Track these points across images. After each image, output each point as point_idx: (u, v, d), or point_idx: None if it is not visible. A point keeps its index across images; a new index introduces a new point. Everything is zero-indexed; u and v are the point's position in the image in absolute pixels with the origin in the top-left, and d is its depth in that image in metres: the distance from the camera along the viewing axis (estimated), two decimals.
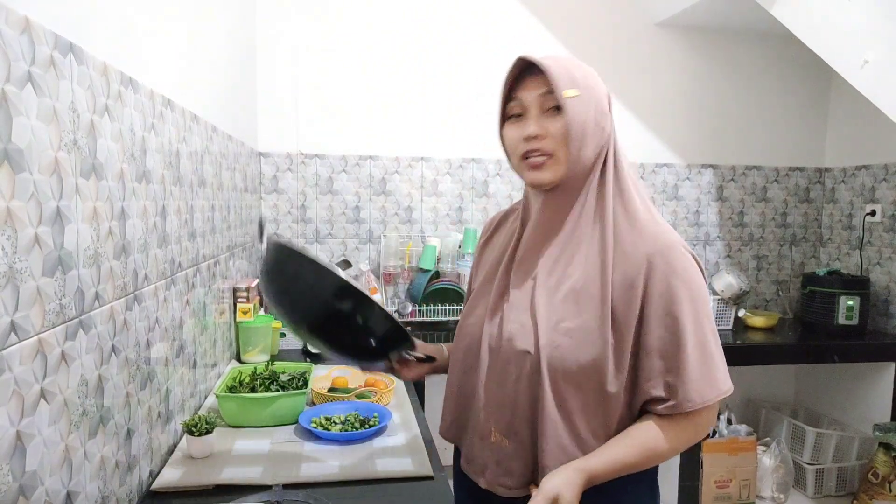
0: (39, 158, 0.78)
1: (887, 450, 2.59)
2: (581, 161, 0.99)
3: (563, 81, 0.95)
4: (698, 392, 0.93)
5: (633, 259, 0.96)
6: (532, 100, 0.99)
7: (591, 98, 0.98)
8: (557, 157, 0.98)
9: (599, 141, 1.00)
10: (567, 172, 0.99)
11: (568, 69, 0.97)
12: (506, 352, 1.02)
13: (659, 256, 0.95)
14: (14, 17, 0.73)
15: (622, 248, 0.97)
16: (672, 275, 0.94)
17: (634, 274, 0.95)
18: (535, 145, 0.98)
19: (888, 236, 2.94)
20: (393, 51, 2.89)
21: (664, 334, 0.94)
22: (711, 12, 2.90)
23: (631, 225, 0.99)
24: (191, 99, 1.54)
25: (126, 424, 1.09)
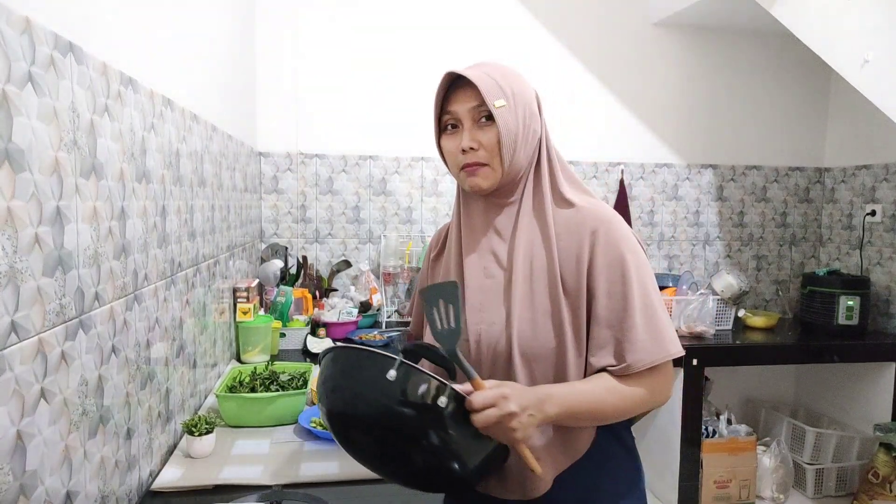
0: (40, 158, 0.78)
1: (888, 450, 2.59)
2: (515, 165, 1.04)
3: (492, 93, 1.00)
4: (646, 352, 0.97)
5: (576, 235, 1.02)
6: (464, 112, 1.04)
7: (520, 104, 1.03)
8: (493, 165, 1.04)
9: (532, 142, 1.06)
10: (503, 177, 1.05)
11: (495, 80, 1.02)
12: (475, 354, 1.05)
13: (601, 229, 1.01)
14: (14, 17, 0.73)
15: (565, 228, 1.04)
16: (615, 244, 1.01)
17: (579, 248, 1.01)
18: (470, 158, 1.03)
19: (888, 236, 2.94)
20: (393, 51, 2.89)
21: (611, 302, 0.99)
22: (710, 12, 2.90)
23: (569, 207, 1.05)
24: (191, 99, 1.54)
25: (126, 424, 1.10)
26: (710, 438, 2.68)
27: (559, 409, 0.93)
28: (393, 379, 0.84)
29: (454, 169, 1.08)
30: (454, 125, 1.06)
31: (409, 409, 0.85)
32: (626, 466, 1.09)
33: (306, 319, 2.45)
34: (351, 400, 0.88)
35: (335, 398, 0.90)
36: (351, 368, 0.89)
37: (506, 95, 1.01)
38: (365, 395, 0.86)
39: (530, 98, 1.05)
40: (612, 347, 0.99)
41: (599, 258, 1.00)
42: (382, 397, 0.85)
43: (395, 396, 0.85)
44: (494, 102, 1.00)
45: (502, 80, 1.03)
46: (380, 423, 0.86)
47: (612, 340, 0.99)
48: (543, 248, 1.04)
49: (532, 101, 1.06)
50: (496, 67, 1.06)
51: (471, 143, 1.03)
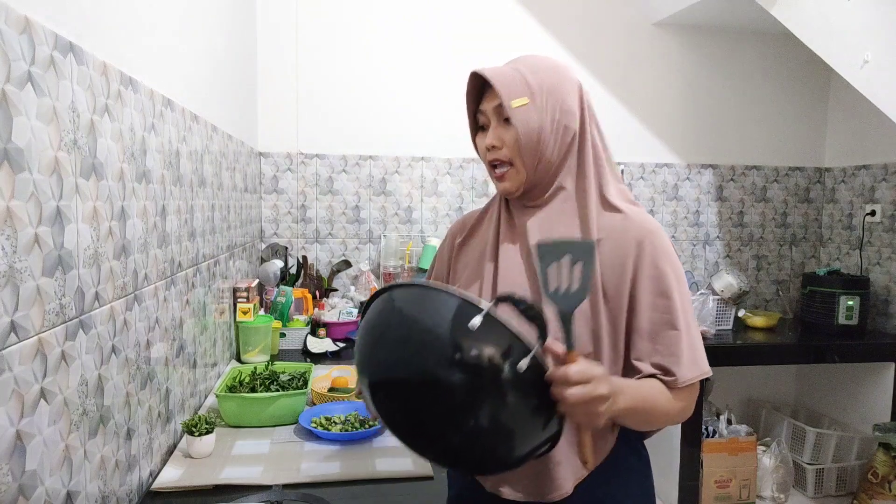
0: (39, 158, 0.78)
1: (887, 450, 2.59)
2: (543, 164, 1.02)
3: (512, 91, 0.98)
4: (689, 368, 0.96)
5: (621, 244, 0.99)
6: (490, 110, 1.03)
7: (549, 100, 1.00)
8: (516, 164, 1.02)
9: (564, 140, 1.02)
10: (529, 178, 1.03)
11: (523, 75, 1.00)
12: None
13: (647, 240, 0.99)
14: (14, 17, 0.73)
15: (609, 234, 1.00)
16: (661, 257, 0.99)
17: (624, 258, 0.99)
18: (494, 155, 1.03)
19: (888, 236, 2.94)
20: (393, 51, 2.89)
21: (655, 315, 0.97)
22: (710, 12, 2.90)
23: (614, 213, 1.02)
24: (191, 99, 1.54)
25: (126, 424, 1.09)
26: (710, 438, 2.68)
27: (627, 404, 0.88)
28: (474, 329, 0.73)
29: (487, 167, 1.08)
30: (484, 124, 1.06)
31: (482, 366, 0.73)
32: (640, 477, 1.08)
33: (306, 319, 2.45)
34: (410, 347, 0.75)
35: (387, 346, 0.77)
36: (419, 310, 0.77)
37: (531, 92, 0.99)
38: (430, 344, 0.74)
39: (565, 93, 1.01)
40: (655, 358, 0.97)
41: (645, 269, 0.98)
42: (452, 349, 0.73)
43: (468, 349, 0.72)
44: (512, 102, 0.98)
45: (532, 75, 1.00)
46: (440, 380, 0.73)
47: (654, 353, 0.97)
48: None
49: (568, 96, 1.01)
50: (531, 61, 1.03)
51: (493, 140, 1.03)
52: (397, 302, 0.81)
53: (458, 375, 0.72)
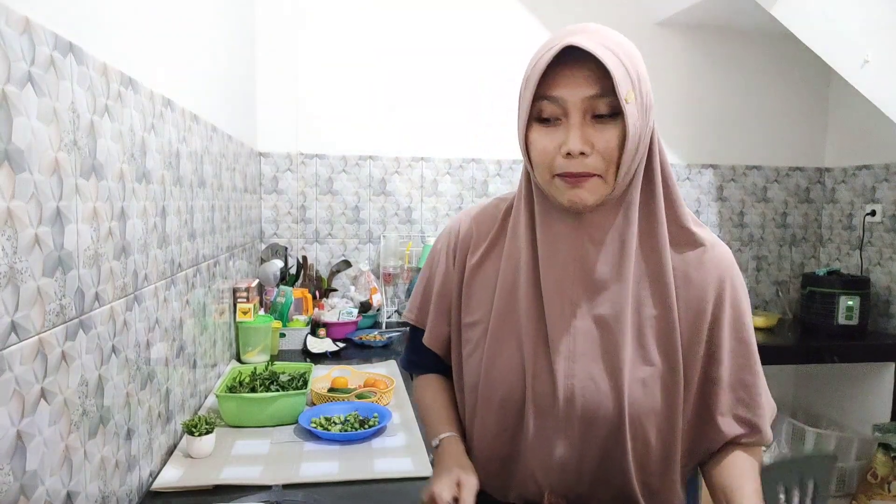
0: (39, 159, 0.78)
1: (886, 450, 2.59)
2: (629, 176, 0.81)
3: (625, 82, 0.75)
4: (769, 419, 0.89)
5: (699, 284, 0.85)
6: (575, 102, 0.77)
7: (644, 94, 0.78)
8: (605, 176, 0.79)
9: (647, 143, 0.82)
10: (613, 192, 0.81)
11: (621, 61, 0.76)
12: (564, 411, 0.85)
13: (728, 279, 0.86)
14: (14, 17, 0.73)
15: (682, 274, 0.85)
16: (742, 299, 0.87)
17: (701, 299, 0.85)
18: (577, 166, 0.78)
19: (888, 236, 2.94)
20: (393, 51, 2.89)
21: (736, 364, 0.86)
22: (711, 12, 2.90)
23: (688, 244, 0.85)
24: (191, 99, 1.54)
25: (126, 424, 1.10)
26: None
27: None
28: None
29: (544, 174, 0.82)
30: (552, 116, 0.80)
31: None
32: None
33: (306, 319, 2.45)
34: None
35: None
36: None
37: (633, 83, 0.76)
38: None
39: (648, 81, 0.81)
40: (740, 414, 0.86)
41: (727, 315, 0.85)
42: None
43: None
44: (626, 96, 0.75)
45: (628, 60, 0.77)
46: None
47: (738, 406, 0.86)
48: (658, 290, 0.84)
49: (649, 85, 0.81)
50: (616, 40, 0.79)
51: (583, 145, 0.77)
52: None
53: None
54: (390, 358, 2.22)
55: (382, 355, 2.29)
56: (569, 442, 0.86)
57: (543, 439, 0.87)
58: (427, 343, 1.03)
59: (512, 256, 0.90)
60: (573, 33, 0.78)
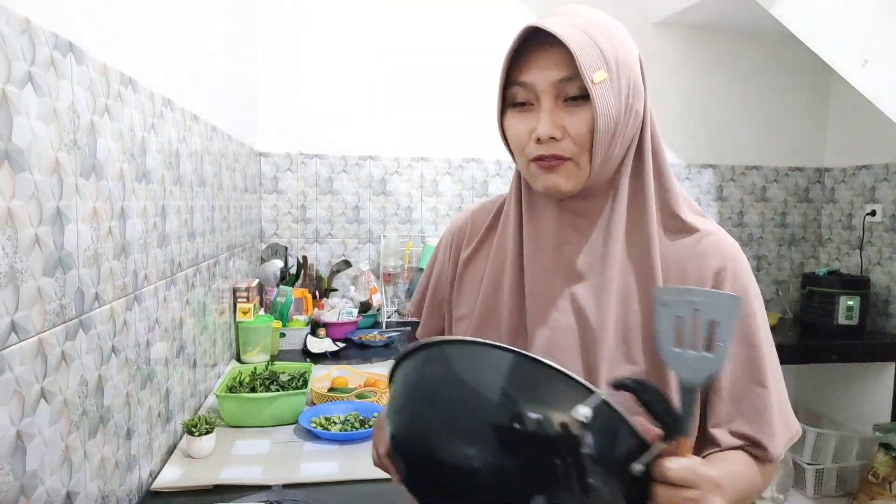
0: (40, 158, 0.78)
1: (887, 450, 2.59)
2: (609, 162, 0.77)
3: (592, 62, 0.71)
4: (781, 436, 0.77)
5: (694, 273, 0.78)
6: (545, 86, 0.75)
7: (623, 76, 0.74)
8: (579, 161, 0.76)
9: (632, 129, 0.78)
10: (591, 177, 0.77)
11: (594, 40, 0.72)
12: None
13: (728, 269, 0.78)
14: (14, 18, 0.73)
15: (677, 261, 0.79)
16: (744, 293, 0.77)
17: None
18: (548, 149, 0.75)
19: (888, 236, 2.94)
20: (393, 51, 2.89)
21: (737, 368, 0.77)
22: (710, 12, 2.90)
23: (681, 232, 0.80)
24: (191, 99, 1.54)
25: (126, 424, 1.10)
26: None
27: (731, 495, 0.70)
28: (586, 420, 0.57)
29: (521, 160, 0.79)
30: (525, 102, 0.77)
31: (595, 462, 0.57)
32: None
33: (306, 319, 2.45)
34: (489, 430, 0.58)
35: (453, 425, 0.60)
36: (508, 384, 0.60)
37: (608, 64, 0.72)
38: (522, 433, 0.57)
39: (635, 64, 0.77)
40: (738, 426, 0.77)
41: None
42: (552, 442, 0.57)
43: (571, 444, 0.57)
44: (593, 76, 0.71)
45: (603, 39, 0.73)
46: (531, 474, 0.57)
47: (738, 418, 0.77)
48: (644, 287, 0.77)
49: (637, 68, 0.77)
50: (594, 19, 0.76)
51: (553, 129, 0.74)
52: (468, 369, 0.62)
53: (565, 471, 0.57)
54: (390, 358, 2.23)
55: (382, 355, 2.29)
56: None
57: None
58: (419, 336, 1.00)
59: (500, 248, 0.87)
60: (547, 16, 0.76)
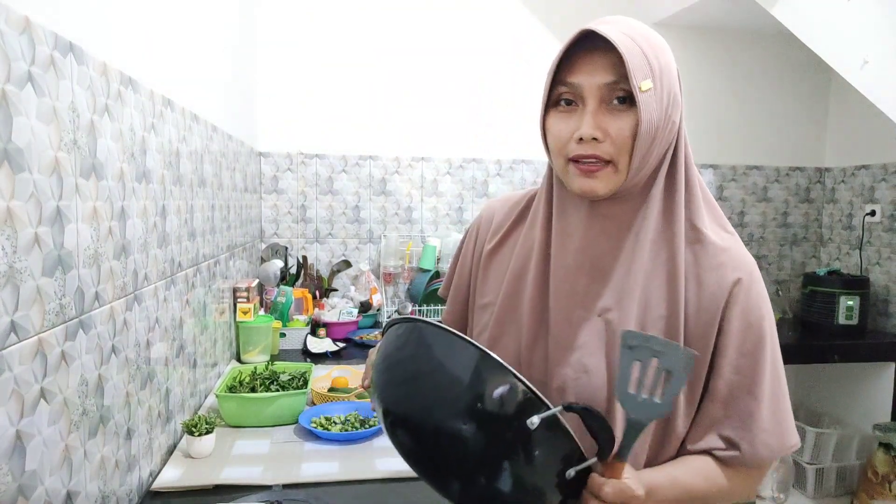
0: (39, 158, 0.78)
1: (887, 449, 2.59)
2: (645, 168, 0.80)
3: (640, 69, 0.74)
4: (767, 446, 0.81)
5: (710, 284, 0.81)
6: (592, 88, 0.77)
7: (665, 86, 0.77)
8: (618, 164, 0.78)
9: (668, 138, 0.81)
10: (626, 182, 0.80)
11: (642, 49, 0.76)
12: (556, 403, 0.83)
13: (744, 283, 0.81)
14: (14, 17, 0.73)
15: (695, 270, 0.82)
16: (757, 307, 0.81)
17: (713, 306, 0.81)
18: (589, 149, 0.78)
19: (888, 236, 2.94)
20: (393, 51, 2.89)
21: (737, 377, 0.81)
22: (711, 12, 2.90)
23: (704, 244, 0.82)
24: (191, 99, 1.54)
25: (126, 424, 1.09)
26: None
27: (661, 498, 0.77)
28: (532, 427, 0.66)
29: (559, 158, 0.81)
30: (570, 101, 0.80)
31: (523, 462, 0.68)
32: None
33: (306, 319, 2.45)
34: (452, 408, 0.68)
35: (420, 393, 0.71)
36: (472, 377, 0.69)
37: (653, 73, 0.75)
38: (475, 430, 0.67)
39: (675, 77, 0.80)
40: (724, 429, 0.81)
41: (735, 321, 0.80)
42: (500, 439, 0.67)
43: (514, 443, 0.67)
44: (641, 84, 0.74)
45: (650, 49, 0.76)
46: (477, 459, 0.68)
47: (724, 421, 0.81)
48: (666, 289, 0.81)
49: (676, 81, 0.80)
50: (640, 30, 0.78)
51: (595, 131, 0.77)
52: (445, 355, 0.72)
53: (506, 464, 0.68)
54: None
55: None
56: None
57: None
58: (443, 322, 1.04)
59: (527, 242, 0.90)
60: (599, 23, 0.78)
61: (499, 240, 0.96)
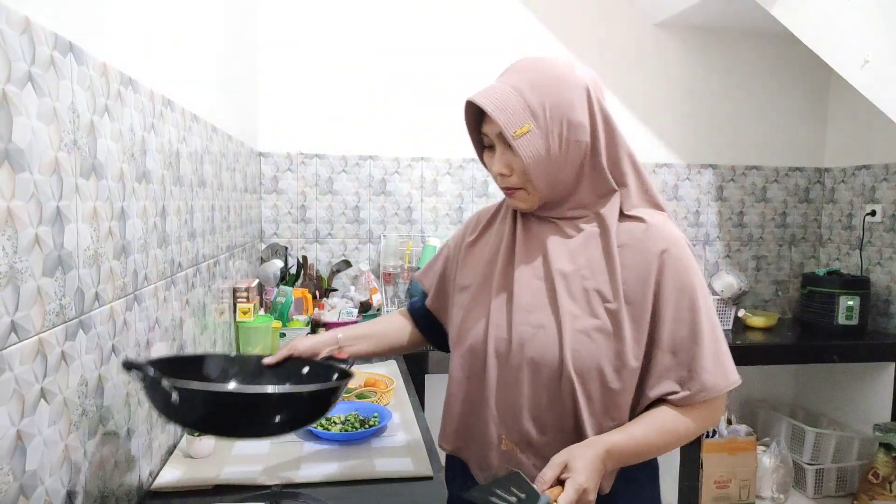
0: (39, 158, 0.78)
1: (887, 450, 2.59)
2: (559, 184, 0.99)
3: (512, 119, 0.94)
4: (713, 383, 0.94)
5: (643, 253, 0.96)
6: (493, 136, 1.00)
7: (555, 119, 0.95)
8: (527, 188, 1.00)
9: (576, 155, 0.98)
10: (544, 197, 1.01)
11: (521, 97, 0.94)
12: (516, 357, 0.99)
13: (671, 250, 0.96)
14: (14, 17, 0.73)
15: (631, 244, 0.98)
16: (685, 269, 0.96)
17: (646, 268, 0.96)
18: (503, 183, 1.02)
19: (888, 236, 2.94)
20: (393, 50, 2.89)
21: (678, 328, 0.95)
22: (711, 12, 2.90)
23: (635, 221, 0.99)
24: (191, 99, 1.54)
25: (126, 424, 1.10)
26: (709, 438, 2.68)
27: (615, 464, 0.92)
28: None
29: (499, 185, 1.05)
30: (488, 145, 1.03)
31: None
32: (650, 484, 1.07)
33: (306, 319, 2.44)
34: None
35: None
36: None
37: (533, 113, 0.94)
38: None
39: (570, 106, 0.95)
40: (675, 375, 0.95)
41: (669, 282, 0.95)
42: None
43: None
44: (514, 131, 0.93)
45: (531, 91, 0.94)
46: None
47: (674, 367, 0.95)
48: (605, 261, 0.98)
49: (574, 107, 0.95)
50: (529, 74, 0.96)
51: (501, 168, 1.00)
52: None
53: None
54: (390, 358, 2.22)
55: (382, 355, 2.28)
56: (520, 387, 0.99)
57: (502, 384, 1.01)
58: (429, 306, 1.27)
59: (499, 235, 1.11)
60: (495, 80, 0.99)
61: (477, 234, 1.16)
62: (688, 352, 0.94)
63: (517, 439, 1.00)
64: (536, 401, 0.98)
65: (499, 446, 1.01)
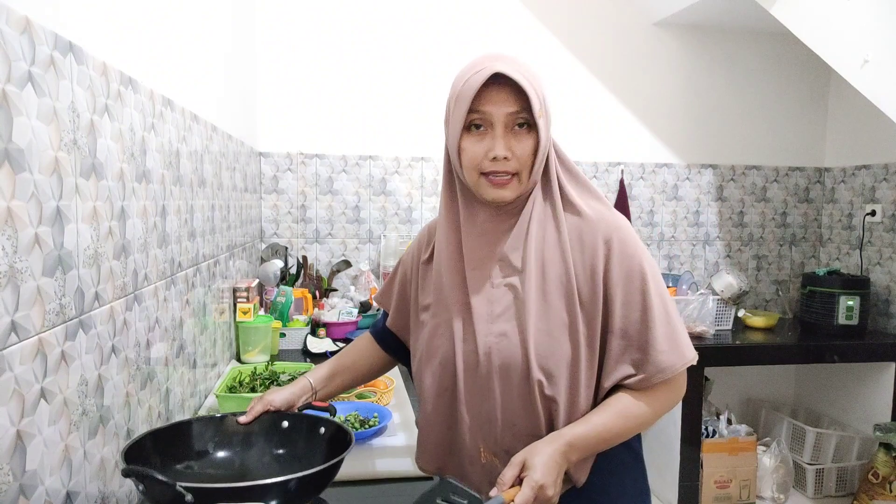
0: (39, 158, 0.78)
1: (888, 450, 2.59)
2: (537, 176, 1.01)
3: (538, 103, 0.95)
4: (669, 363, 0.96)
5: (588, 245, 0.99)
6: (500, 116, 0.96)
7: (548, 110, 0.99)
8: (521, 177, 0.99)
9: (548, 149, 1.01)
10: (528, 188, 1.02)
11: (533, 85, 0.96)
12: (485, 366, 1.00)
13: (614, 237, 0.98)
14: (14, 17, 0.73)
15: (576, 236, 1.00)
16: (631, 254, 0.98)
17: (593, 258, 0.98)
18: (500, 166, 0.97)
19: (888, 236, 2.94)
20: (393, 50, 2.89)
21: (629, 313, 0.97)
22: (710, 11, 2.90)
23: (580, 216, 1.01)
24: (191, 99, 1.54)
25: (126, 424, 1.09)
26: (710, 438, 2.68)
27: (579, 455, 0.94)
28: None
29: (472, 173, 1.00)
30: (479, 125, 0.98)
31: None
32: (634, 472, 1.08)
33: (306, 319, 2.45)
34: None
35: None
36: None
37: (543, 104, 0.97)
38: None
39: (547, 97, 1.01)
40: (630, 359, 0.97)
41: (616, 268, 0.97)
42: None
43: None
44: (538, 113, 0.95)
45: (537, 84, 0.97)
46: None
47: (628, 351, 0.97)
48: (558, 257, 0.99)
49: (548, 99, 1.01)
50: (528, 68, 0.98)
51: (506, 151, 0.96)
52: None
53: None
54: None
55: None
56: (492, 396, 0.99)
57: (474, 395, 1.01)
58: (390, 326, 1.25)
59: (440, 247, 1.08)
60: (496, 60, 0.96)
61: (429, 253, 1.13)
62: (640, 334, 0.96)
63: (495, 450, 1.00)
64: (510, 406, 0.99)
65: (479, 460, 1.02)
